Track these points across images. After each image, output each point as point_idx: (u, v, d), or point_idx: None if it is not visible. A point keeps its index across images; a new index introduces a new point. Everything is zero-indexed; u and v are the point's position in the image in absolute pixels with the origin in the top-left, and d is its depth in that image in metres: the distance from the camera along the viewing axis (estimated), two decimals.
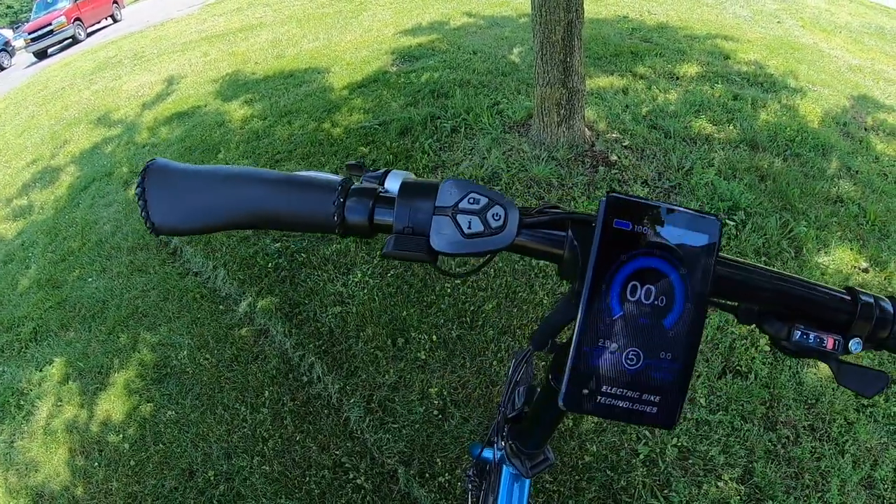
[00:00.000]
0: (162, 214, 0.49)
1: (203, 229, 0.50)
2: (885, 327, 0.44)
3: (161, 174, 0.49)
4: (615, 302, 0.34)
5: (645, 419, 0.34)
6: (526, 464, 0.80)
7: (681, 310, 0.34)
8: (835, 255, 2.77)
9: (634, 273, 0.34)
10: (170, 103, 6.08)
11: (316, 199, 0.48)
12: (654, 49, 5.23)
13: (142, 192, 0.49)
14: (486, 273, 2.75)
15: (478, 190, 0.44)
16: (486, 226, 0.43)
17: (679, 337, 0.34)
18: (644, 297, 0.34)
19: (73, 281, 3.58)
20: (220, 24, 10.03)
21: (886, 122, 4.15)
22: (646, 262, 0.34)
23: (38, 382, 2.89)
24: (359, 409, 2.26)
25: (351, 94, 4.99)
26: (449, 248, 0.43)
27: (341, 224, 0.47)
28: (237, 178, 0.49)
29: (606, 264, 0.34)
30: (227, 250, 3.26)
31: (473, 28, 6.54)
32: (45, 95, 8.60)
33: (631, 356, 0.34)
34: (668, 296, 0.34)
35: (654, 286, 0.34)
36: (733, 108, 4.07)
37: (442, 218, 0.43)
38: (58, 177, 5.24)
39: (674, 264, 0.34)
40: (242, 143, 4.50)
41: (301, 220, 0.49)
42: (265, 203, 0.48)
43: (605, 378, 0.34)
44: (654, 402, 0.34)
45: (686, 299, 0.34)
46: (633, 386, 0.34)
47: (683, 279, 0.34)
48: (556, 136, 3.45)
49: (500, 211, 0.43)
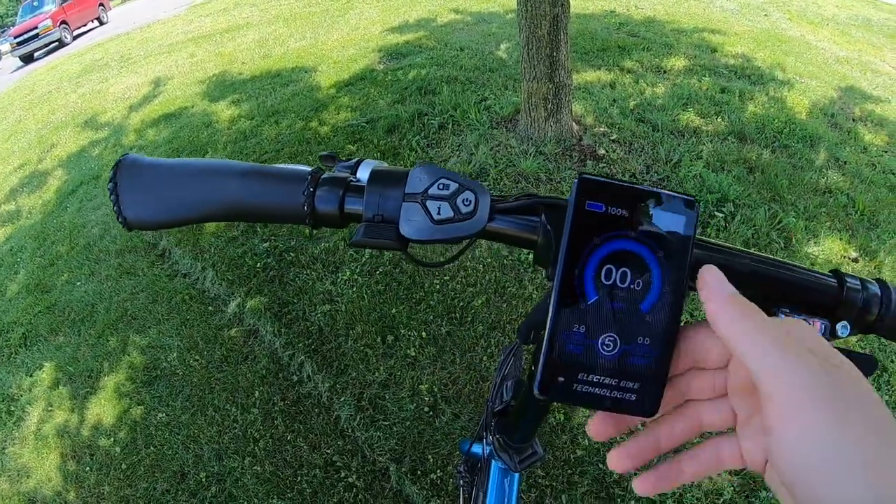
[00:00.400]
0: (134, 209, 0.49)
1: (175, 223, 0.50)
2: (873, 311, 0.44)
3: (133, 169, 0.49)
4: (589, 286, 0.33)
5: (624, 407, 0.34)
6: (514, 458, 0.80)
7: (658, 293, 0.33)
8: (824, 245, 2.78)
9: (609, 256, 0.33)
10: (157, 105, 6.05)
11: (286, 189, 0.47)
12: (642, 43, 5.24)
13: (114, 186, 0.49)
14: (475, 269, 2.75)
15: (448, 175, 0.43)
16: (457, 211, 0.42)
17: (657, 322, 0.33)
18: (619, 280, 0.33)
19: (61, 285, 3.55)
20: (207, 24, 9.98)
21: (874, 113, 4.17)
22: (620, 244, 0.33)
23: (29, 388, 2.87)
24: (349, 408, 2.26)
25: (338, 93, 4.98)
26: (418, 235, 0.43)
27: (311, 214, 0.47)
28: (208, 170, 0.49)
29: (579, 248, 0.33)
30: (216, 251, 3.25)
31: (460, 25, 6.53)
32: (31, 99, 8.53)
33: (607, 342, 0.33)
34: (644, 279, 0.33)
35: (630, 269, 0.33)
36: (721, 100, 4.09)
37: (411, 205, 0.43)
38: (45, 181, 5.20)
39: (650, 246, 0.33)
40: (230, 144, 4.48)
41: (272, 211, 0.48)
42: (236, 195, 0.48)
43: (580, 365, 0.33)
44: (634, 390, 0.33)
45: (663, 282, 0.33)
46: (610, 373, 0.33)
47: (660, 262, 0.33)
48: (543, 131, 3.46)
49: (470, 196, 0.42)
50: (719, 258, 0.43)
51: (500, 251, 2.81)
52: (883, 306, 0.44)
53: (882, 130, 3.94)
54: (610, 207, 0.34)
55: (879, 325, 0.44)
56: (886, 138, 3.84)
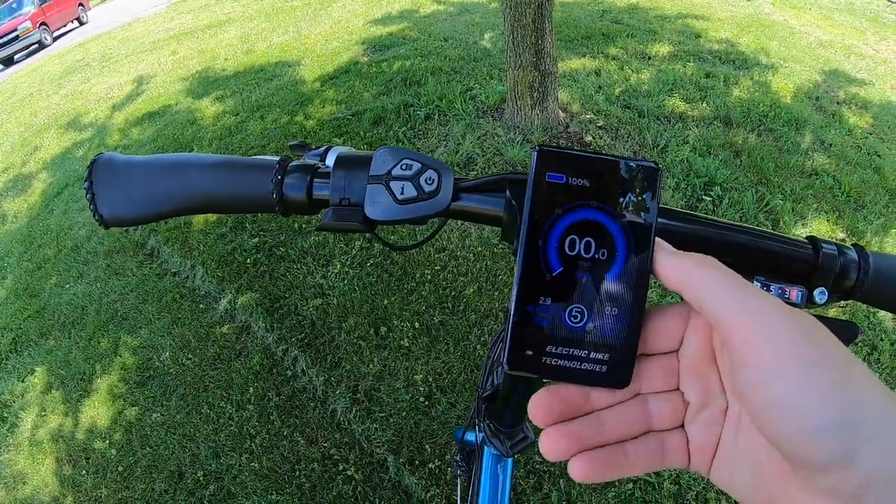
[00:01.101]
0: (110, 206, 0.49)
1: (150, 217, 0.50)
2: (850, 276, 0.44)
3: (107, 167, 0.50)
4: (553, 257, 0.33)
5: (595, 379, 0.33)
6: (506, 443, 0.80)
7: (624, 262, 0.32)
8: (811, 226, 2.81)
9: (572, 226, 0.33)
10: (140, 104, 5.99)
11: (255, 179, 0.48)
12: (626, 30, 5.24)
13: (90, 185, 0.49)
14: (466, 258, 2.75)
15: (410, 156, 0.44)
16: (420, 191, 0.43)
17: (624, 291, 0.32)
18: (584, 250, 0.32)
19: (50, 288, 3.53)
20: (188, 21, 9.89)
21: (858, 96, 4.21)
22: (583, 214, 0.33)
23: (21, 393, 2.85)
24: (345, 401, 2.26)
25: (323, 86, 4.94)
26: (383, 216, 0.43)
27: (280, 202, 0.48)
28: (179, 165, 0.50)
29: (542, 220, 0.33)
30: (205, 248, 3.23)
31: (444, 15, 6.51)
32: (13, 102, 8.43)
33: (574, 313, 0.33)
34: (609, 248, 0.32)
35: (594, 239, 0.32)
36: (706, 85, 4.11)
37: (376, 186, 0.43)
38: (30, 184, 5.14)
39: (612, 215, 0.32)
40: (215, 140, 4.44)
41: (242, 200, 0.49)
42: (207, 187, 0.49)
43: (548, 338, 0.33)
44: (604, 361, 0.33)
45: (629, 251, 0.32)
46: (579, 344, 0.33)
47: (624, 230, 0.32)
48: (530, 119, 3.45)
49: (433, 175, 0.43)
50: (690, 228, 0.43)
51: (490, 240, 2.81)
52: (861, 271, 0.44)
53: (866, 113, 3.97)
54: (571, 178, 0.33)
55: (858, 290, 0.44)
56: (871, 120, 3.87)
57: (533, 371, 0.33)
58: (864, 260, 0.44)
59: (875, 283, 0.44)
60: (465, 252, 2.78)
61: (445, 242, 2.85)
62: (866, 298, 0.45)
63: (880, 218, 2.89)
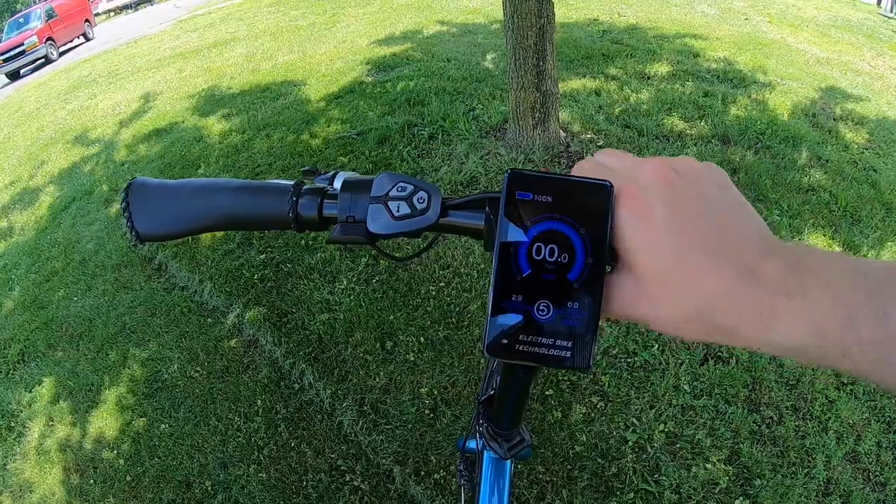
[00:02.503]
0: (145, 224, 0.57)
1: (180, 234, 0.58)
2: None
3: (141, 189, 0.58)
4: (523, 262, 0.39)
5: (561, 363, 0.39)
6: (504, 446, 0.86)
7: (581, 264, 0.39)
8: (808, 241, 2.86)
9: (538, 236, 0.39)
10: (147, 120, 6.08)
11: (274, 200, 0.56)
12: (625, 50, 5.34)
13: (126, 205, 0.57)
14: (470, 275, 2.81)
15: (405, 180, 0.51)
16: (413, 208, 0.50)
17: (583, 288, 0.39)
18: (549, 255, 0.39)
19: (58, 301, 3.57)
20: (194, 40, 10.02)
21: (854, 112, 4.28)
22: (547, 225, 0.39)
23: (29, 403, 2.89)
24: (352, 413, 2.30)
25: (328, 106, 5.03)
26: (383, 230, 0.50)
27: (295, 220, 0.55)
28: (206, 188, 0.58)
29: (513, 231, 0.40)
30: (213, 264, 3.29)
31: (447, 36, 6.62)
32: (19, 116, 8.52)
33: (542, 307, 0.39)
34: (570, 253, 0.39)
35: (557, 246, 0.39)
36: (704, 104, 4.19)
37: (376, 205, 0.51)
38: (37, 197, 5.21)
39: (572, 225, 0.39)
40: (222, 158, 4.52)
41: (262, 219, 0.57)
42: (231, 208, 0.57)
43: (520, 328, 0.39)
44: (568, 347, 0.39)
45: (586, 255, 0.39)
46: (546, 333, 0.39)
47: (582, 237, 0.39)
48: (531, 139, 3.53)
49: (424, 195, 0.50)
50: None
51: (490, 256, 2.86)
52: None
53: (862, 129, 4.04)
54: (536, 195, 0.40)
55: None
56: (867, 136, 3.94)
57: (508, 356, 0.40)
58: None
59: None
60: (469, 269, 2.84)
61: (449, 259, 2.92)
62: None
63: (876, 232, 2.95)
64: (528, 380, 0.73)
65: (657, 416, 2.11)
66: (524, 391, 0.79)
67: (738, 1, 7.71)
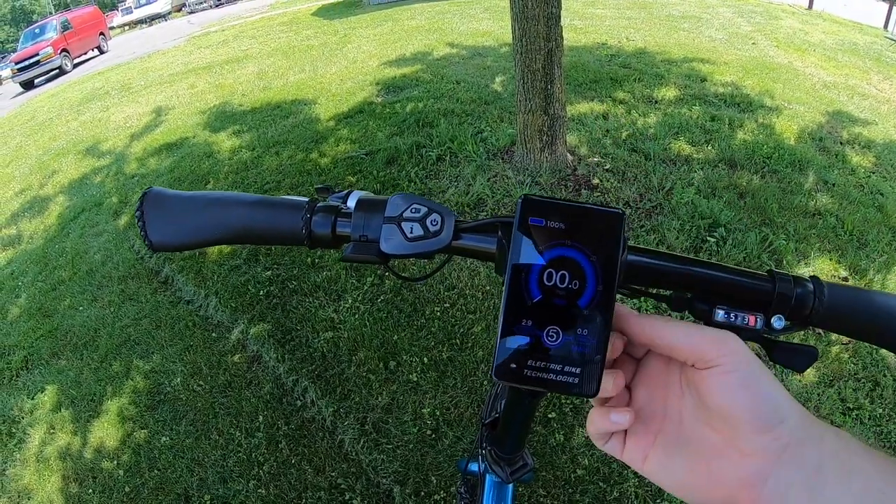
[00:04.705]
0: (159, 234, 0.58)
1: (193, 245, 0.59)
2: (806, 305, 0.49)
3: (156, 199, 0.58)
4: (534, 287, 0.40)
5: (569, 389, 0.40)
6: (506, 469, 0.86)
7: (592, 291, 0.39)
8: (814, 265, 2.86)
9: (550, 262, 0.40)
10: (158, 134, 6.15)
11: (288, 216, 0.56)
12: (633, 74, 5.39)
13: (141, 214, 0.58)
14: (475, 296, 2.82)
15: (419, 201, 0.52)
16: (426, 230, 0.51)
17: (593, 315, 0.39)
18: (559, 281, 0.40)
19: (63, 310, 3.59)
20: (207, 56, 10.15)
21: (861, 136, 4.29)
22: (559, 252, 0.40)
23: (30, 410, 2.89)
24: (353, 432, 2.30)
25: (337, 125, 5.09)
26: (395, 251, 0.51)
27: (308, 236, 0.56)
28: (220, 201, 0.58)
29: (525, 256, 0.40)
30: (219, 279, 3.31)
31: (456, 58, 6.69)
32: (32, 126, 8.61)
33: (551, 333, 0.39)
34: (580, 280, 0.39)
35: (568, 272, 0.39)
36: (711, 128, 4.21)
37: (390, 226, 0.51)
38: (47, 206, 5.25)
39: (584, 252, 0.40)
40: (231, 174, 4.56)
41: (276, 234, 0.57)
42: (246, 222, 0.57)
43: (529, 353, 0.40)
44: (576, 374, 0.39)
45: (597, 282, 0.39)
46: (555, 359, 0.40)
47: (593, 264, 0.39)
48: (539, 162, 3.56)
49: (437, 217, 0.51)
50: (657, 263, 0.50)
51: (498, 279, 2.88)
52: (816, 300, 0.49)
53: (869, 152, 4.05)
54: (549, 221, 0.40)
55: (815, 317, 0.49)
56: (874, 160, 3.94)
57: (516, 381, 0.40)
58: (819, 290, 0.49)
59: (830, 310, 0.49)
60: (474, 290, 2.86)
61: (455, 280, 2.93)
62: (823, 324, 0.50)
63: (883, 256, 2.94)
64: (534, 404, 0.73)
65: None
66: (529, 415, 0.78)
67: (746, 25, 7.79)
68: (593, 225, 0.40)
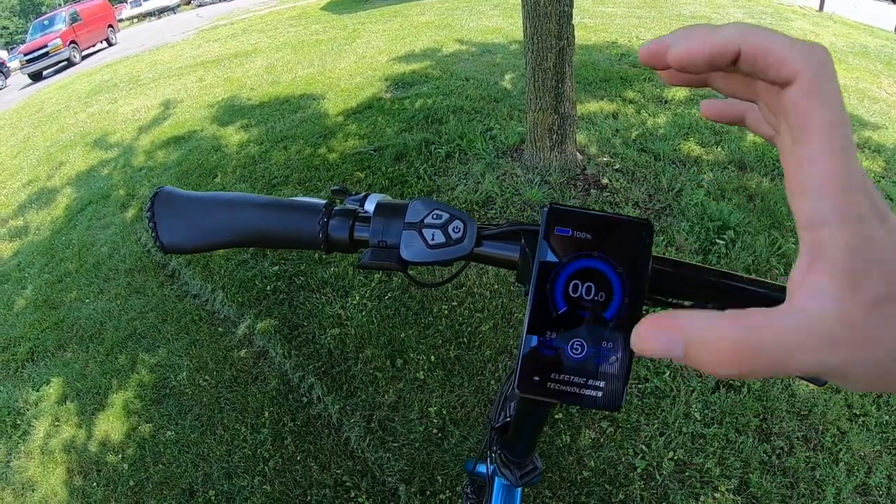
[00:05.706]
0: (170, 234, 0.56)
1: (205, 247, 0.57)
2: None
3: (168, 199, 0.56)
4: (559, 298, 0.38)
5: (592, 403, 0.38)
6: (515, 473, 0.85)
7: (619, 303, 0.38)
8: None
9: (575, 273, 0.38)
10: (166, 127, 6.15)
11: (304, 219, 0.55)
12: (643, 74, 5.35)
13: (152, 215, 0.56)
14: (483, 295, 2.80)
15: (441, 207, 0.51)
16: (448, 237, 0.49)
17: (619, 328, 0.38)
18: (585, 293, 0.38)
19: (70, 302, 3.59)
20: (215, 49, 10.15)
21: (871, 140, 4.24)
22: (585, 263, 0.38)
23: (35, 402, 2.89)
24: (359, 429, 2.29)
25: (346, 120, 5.07)
26: (416, 258, 0.50)
27: (325, 241, 0.54)
28: (234, 202, 0.56)
29: (550, 266, 0.39)
30: (226, 273, 3.30)
31: (465, 55, 6.67)
32: (40, 117, 8.63)
33: (576, 346, 0.38)
34: (606, 292, 0.38)
35: (594, 284, 0.38)
36: (721, 129, 4.18)
37: (410, 232, 0.50)
38: (54, 198, 5.26)
39: (610, 263, 0.38)
40: (239, 168, 4.55)
41: (291, 238, 0.56)
42: (260, 224, 0.55)
43: (553, 366, 0.38)
44: (600, 388, 0.38)
45: (623, 294, 0.38)
46: (578, 373, 0.38)
47: (619, 276, 0.38)
48: (548, 161, 3.54)
49: (459, 225, 0.50)
50: (678, 273, 0.49)
51: (506, 278, 2.87)
52: None
53: (879, 157, 4.00)
54: (575, 232, 0.39)
55: None
56: (883, 164, 3.90)
57: (539, 394, 0.39)
58: None
59: None
60: (482, 289, 2.84)
61: (463, 279, 2.91)
62: None
63: None
64: (547, 411, 0.72)
65: (667, 444, 2.09)
66: (542, 422, 0.78)
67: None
68: (621, 235, 0.39)
